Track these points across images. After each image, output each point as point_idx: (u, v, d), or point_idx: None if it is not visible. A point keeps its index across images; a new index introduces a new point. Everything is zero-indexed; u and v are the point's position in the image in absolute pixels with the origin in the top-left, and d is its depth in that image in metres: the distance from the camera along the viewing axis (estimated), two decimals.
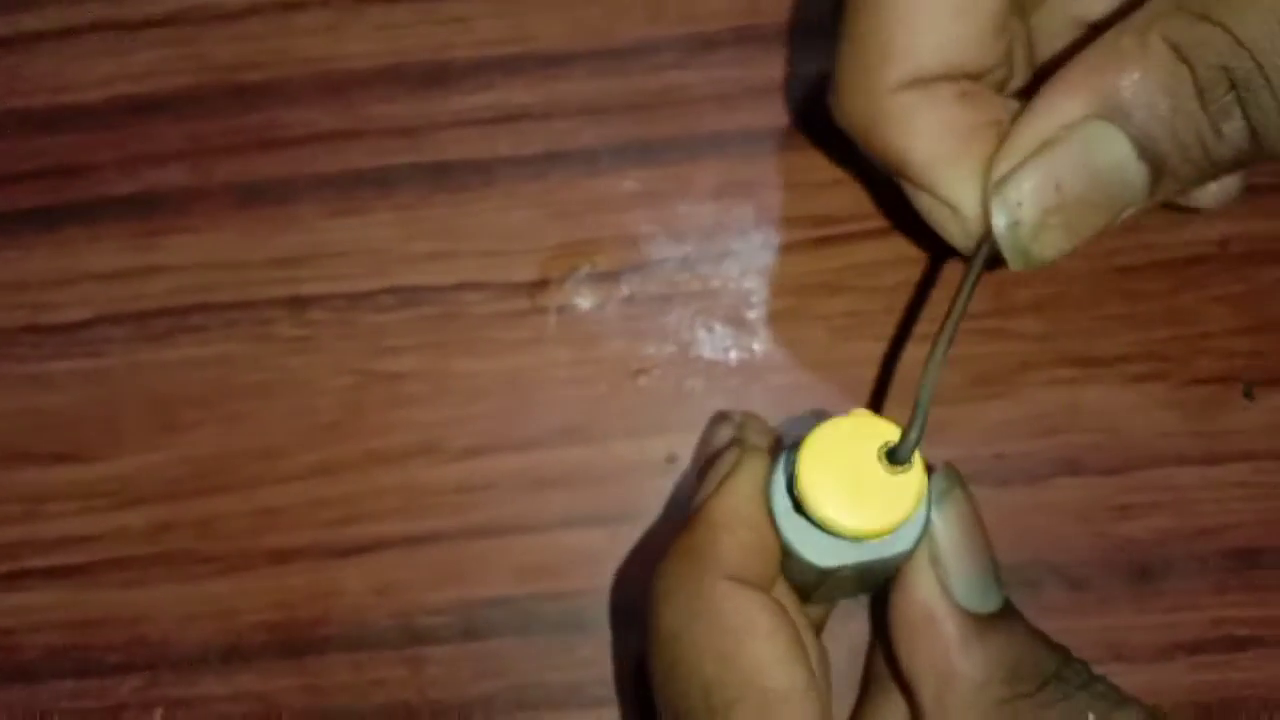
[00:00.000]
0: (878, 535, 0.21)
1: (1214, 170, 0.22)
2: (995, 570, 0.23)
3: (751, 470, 0.23)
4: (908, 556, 0.22)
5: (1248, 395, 0.31)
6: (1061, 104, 0.22)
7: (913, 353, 0.31)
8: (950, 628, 0.22)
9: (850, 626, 0.29)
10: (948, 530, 0.22)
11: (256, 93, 0.34)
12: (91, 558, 0.32)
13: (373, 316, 0.32)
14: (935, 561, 0.22)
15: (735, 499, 0.23)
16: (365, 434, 0.32)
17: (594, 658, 0.30)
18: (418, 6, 0.34)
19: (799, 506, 0.22)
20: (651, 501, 0.31)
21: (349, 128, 0.33)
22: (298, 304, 0.32)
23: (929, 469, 0.22)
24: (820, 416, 0.22)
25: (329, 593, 0.31)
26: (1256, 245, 0.32)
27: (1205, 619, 0.30)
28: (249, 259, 0.33)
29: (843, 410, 0.23)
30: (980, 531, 0.23)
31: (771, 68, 0.33)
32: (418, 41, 0.33)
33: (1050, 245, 0.23)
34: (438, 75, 0.33)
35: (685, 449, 0.31)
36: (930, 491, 0.22)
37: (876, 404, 0.32)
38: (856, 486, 0.21)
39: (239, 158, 0.33)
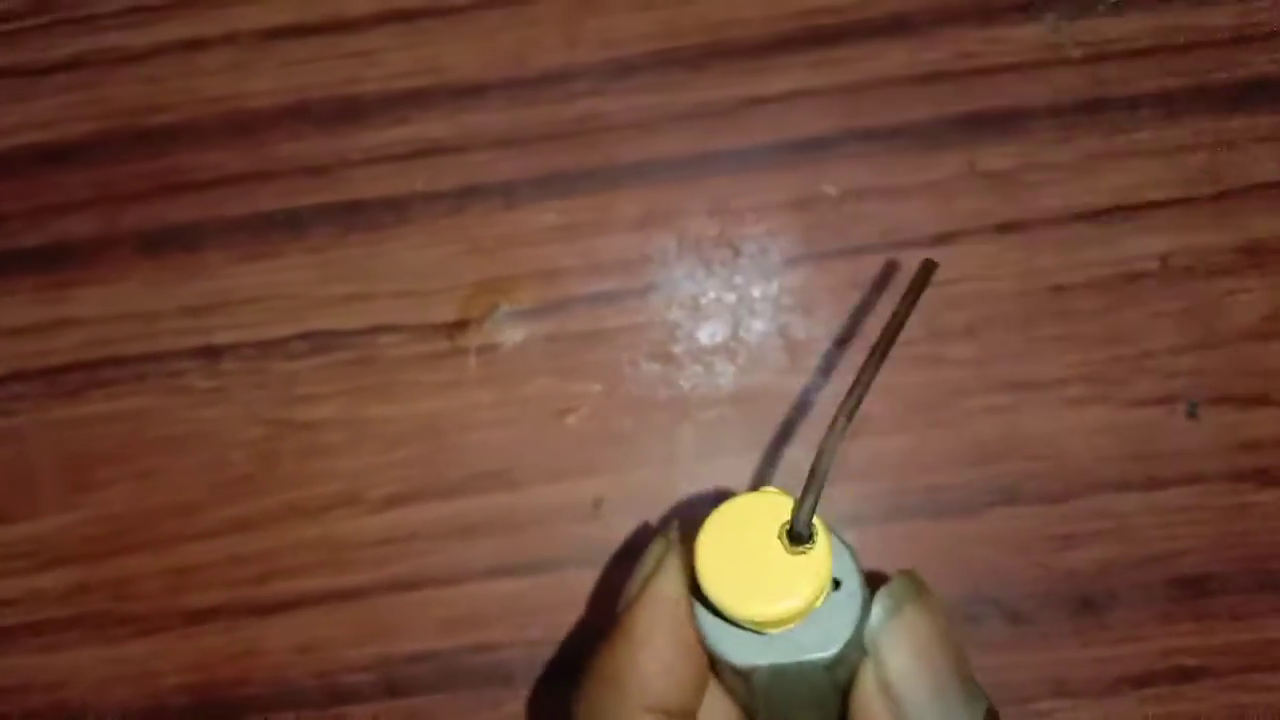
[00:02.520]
0: (778, 624, 0.19)
1: None
2: (965, 692, 0.20)
3: (675, 567, 0.21)
4: (841, 664, 0.20)
5: (1191, 415, 0.30)
6: None
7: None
8: None
9: None
10: (896, 653, 0.19)
11: (162, 136, 0.33)
12: (8, 622, 0.31)
13: (285, 364, 0.31)
14: (886, 688, 0.19)
15: (656, 606, 0.21)
16: (282, 486, 0.31)
17: (521, 712, 0.29)
18: (323, 41, 0.32)
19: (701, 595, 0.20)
20: (579, 548, 0.30)
21: (258, 169, 0.32)
22: (208, 354, 0.31)
23: (875, 576, 0.20)
24: (724, 496, 0.21)
25: (249, 652, 0.30)
26: (1197, 259, 0.31)
27: (1152, 650, 0.29)
28: (158, 309, 0.32)
29: (765, 475, 0.22)
30: (942, 653, 0.20)
31: (692, 91, 0.32)
32: (325, 77, 0.32)
33: None
34: (347, 111, 0.32)
35: (613, 492, 0.30)
36: (868, 603, 0.20)
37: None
38: (755, 569, 0.19)
39: (146, 204, 0.32)
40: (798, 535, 0.19)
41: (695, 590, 0.20)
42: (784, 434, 0.31)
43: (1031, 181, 0.31)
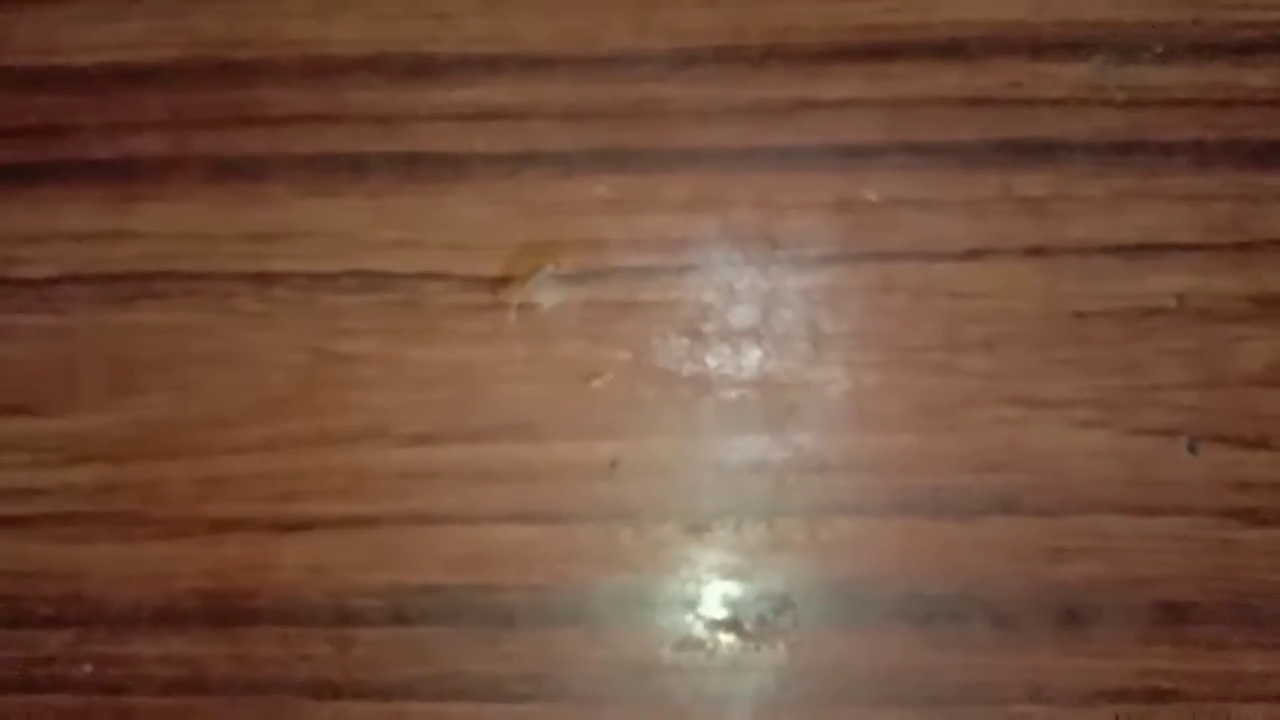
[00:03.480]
0: None
1: None
2: None
3: None
4: None
5: (1191, 450, 0.31)
6: None
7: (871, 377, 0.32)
8: None
9: None
10: None
11: (241, 70, 0.34)
12: (35, 511, 0.32)
13: (333, 298, 0.33)
14: None
15: None
16: (314, 413, 0.32)
17: (518, 653, 0.31)
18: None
19: None
20: (590, 504, 0.31)
21: (328, 111, 0.34)
22: (261, 280, 0.33)
23: None
24: None
25: (264, 566, 0.31)
26: (1213, 303, 0.32)
27: (1130, 668, 0.30)
28: (218, 232, 0.33)
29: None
30: None
31: (750, 89, 0.34)
32: (403, 33, 0.34)
33: None
34: (420, 67, 0.34)
35: (629, 456, 0.32)
36: None
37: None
38: None
39: (218, 132, 0.34)
40: None
41: None
42: (799, 421, 0.32)
43: (1062, 211, 0.32)
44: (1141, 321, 0.32)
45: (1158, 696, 0.30)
